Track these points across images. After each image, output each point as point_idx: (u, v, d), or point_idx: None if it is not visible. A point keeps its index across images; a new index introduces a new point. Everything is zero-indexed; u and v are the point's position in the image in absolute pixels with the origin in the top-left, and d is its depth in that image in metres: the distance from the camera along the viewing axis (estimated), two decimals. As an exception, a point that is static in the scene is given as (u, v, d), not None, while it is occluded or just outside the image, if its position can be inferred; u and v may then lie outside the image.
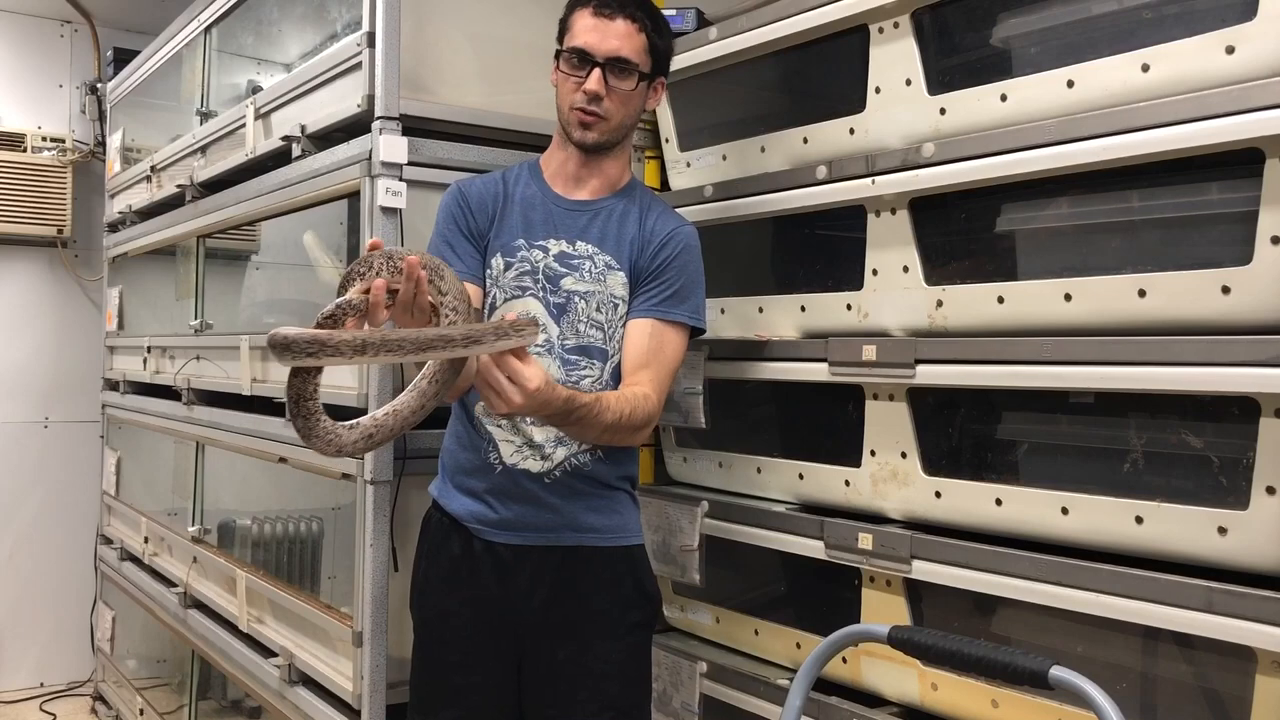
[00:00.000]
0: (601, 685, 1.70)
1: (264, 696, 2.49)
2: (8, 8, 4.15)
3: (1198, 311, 1.35)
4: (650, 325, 1.72)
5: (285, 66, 3.08)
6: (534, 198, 1.77)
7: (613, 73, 1.70)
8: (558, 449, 1.70)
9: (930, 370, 1.62)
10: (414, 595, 1.85)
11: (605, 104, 1.70)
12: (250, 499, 3.11)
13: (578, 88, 1.70)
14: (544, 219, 1.75)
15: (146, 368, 3.40)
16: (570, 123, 1.73)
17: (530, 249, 1.74)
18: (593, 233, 1.75)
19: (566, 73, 1.71)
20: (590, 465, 1.72)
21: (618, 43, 1.70)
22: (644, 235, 1.75)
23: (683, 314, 1.74)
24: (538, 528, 1.70)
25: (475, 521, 1.72)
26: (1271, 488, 1.27)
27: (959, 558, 1.56)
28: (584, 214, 1.76)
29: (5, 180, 4.04)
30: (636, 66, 1.72)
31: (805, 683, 1.44)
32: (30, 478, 4.21)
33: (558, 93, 1.76)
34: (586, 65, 1.69)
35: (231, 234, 3.08)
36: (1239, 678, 1.30)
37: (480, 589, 1.72)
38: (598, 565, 1.72)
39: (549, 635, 1.71)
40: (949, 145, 1.60)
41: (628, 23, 1.71)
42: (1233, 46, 1.32)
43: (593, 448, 1.72)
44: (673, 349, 1.74)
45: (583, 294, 1.72)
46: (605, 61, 1.69)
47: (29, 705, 4.05)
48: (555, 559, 1.70)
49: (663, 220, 1.78)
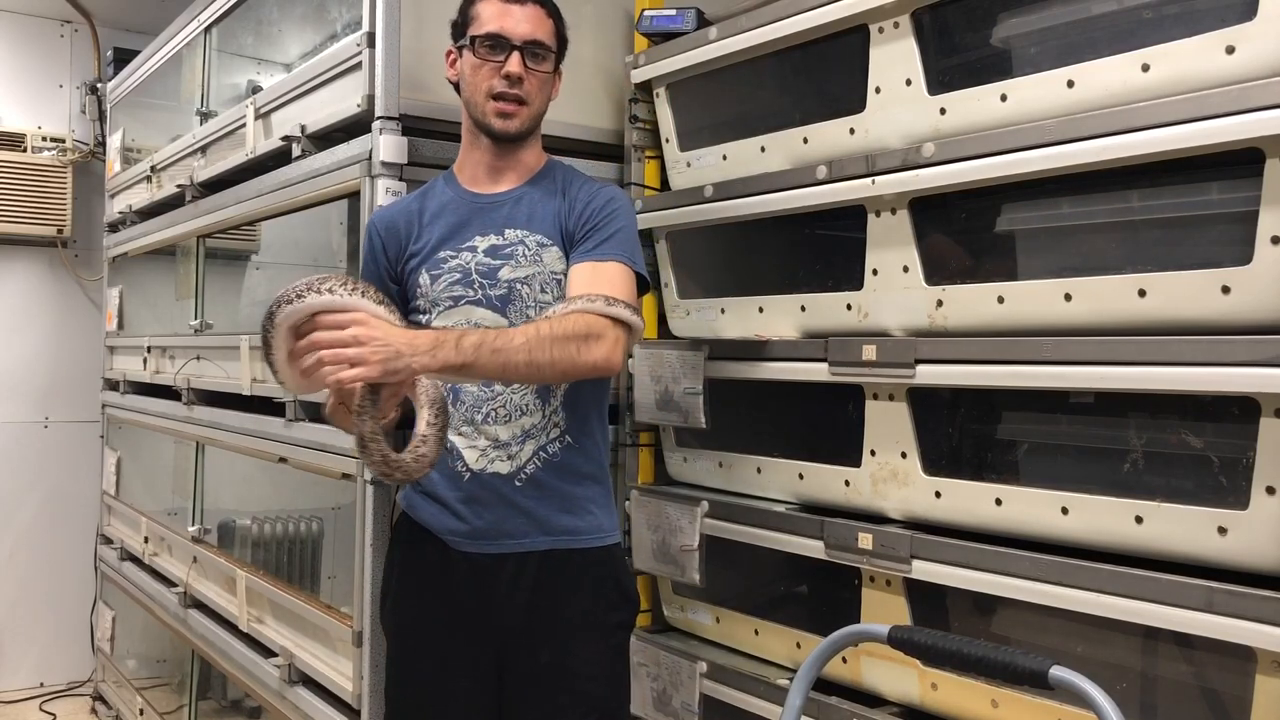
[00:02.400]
0: (584, 688, 1.70)
1: (264, 696, 2.49)
2: (8, 8, 4.15)
3: (1198, 311, 1.35)
4: (587, 265, 1.67)
5: (285, 66, 3.08)
6: (451, 203, 1.77)
7: (530, 56, 1.70)
8: (525, 444, 1.69)
9: (930, 370, 1.62)
10: (385, 605, 1.83)
11: (525, 86, 1.70)
12: (250, 499, 3.12)
13: (495, 73, 1.69)
14: (466, 220, 1.74)
15: (146, 368, 3.40)
16: (488, 114, 1.71)
17: (459, 254, 1.72)
18: (519, 217, 1.73)
19: (483, 59, 1.70)
20: (560, 455, 1.70)
21: (531, 26, 1.70)
22: (568, 203, 1.73)
23: (618, 254, 1.67)
24: (510, 534, 1.68)
25: (447, 533, 1.71)
26: (1271, 488, 1.27)
27: (959, 558, 1.56)
28: (505, 203, 1.75)
29: (5, 180, 4.04)
30: (551, 49, 1.73)
31: (805, 683, 1.44)
32: (30, 478, 4.21)
33: (467, 85, 1.74)
34: (503, 50, 1.69)
35: (231, 234, 3.08)
36: (1239, 678, 1.30)
37: (456, 597, 1.71)
38: (576, 567, 1.71)
39: (529, 639, 1.70)
40: (949, 145, 1.60)
41: (537, 7, 1.72)
42: (1233, 46, 1.32)
43: (560, 436, 1.69)
44: (615, 278, 1.64)
45: (523, 279, 1.70)
46: (522, 45, 1.69)
47: (29, 705, 4.05)
48: (533, 563, 1.69)
49: (586, 187, 1.76)
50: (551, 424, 1.70)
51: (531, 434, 1.69)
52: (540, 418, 1.70)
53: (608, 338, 1.56)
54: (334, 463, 2.19)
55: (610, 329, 1.57)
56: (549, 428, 1.70)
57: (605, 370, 1.57)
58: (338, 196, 2.22)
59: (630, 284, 1.67)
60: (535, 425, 1.69)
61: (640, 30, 2.18)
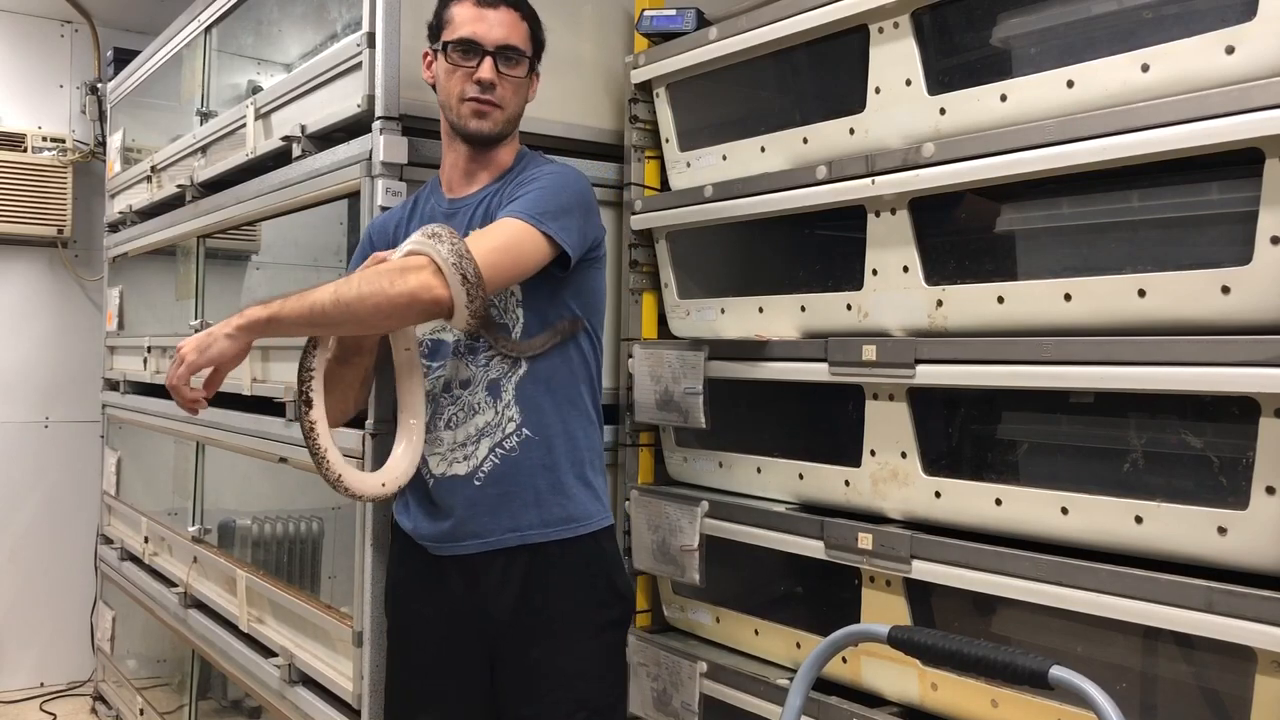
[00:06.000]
0: (575, 684, 1.70)
1: (264, 696, 2.49)
2: (8, 8, 4.15)
3: (1198, 311, 1.35)
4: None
5: (285, 66, 3.08)
6: (433, 210, 1.79)
7: (503, 61, 1.70)
8: (480, 443, 1.69)
9: (930, 370, 1.62)
10: (387, 600, 1.87)
11: (499, 91, 1.70)
12: (250, 499, 3.12)
13: (468, 78, 1.70)
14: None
15: (147, 368, 3.40)
16: (463, 115, 1.72)
17: None
18: (478, 217, 1.72)
19: (455, 64, 1.70)
20: (519, 450, 1.69)
21: (504, 31, 1.70)
22: (505, 193, 1.71)
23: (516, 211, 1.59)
24: (478, 533, 1.69)
25: (421, 538, 1.74)
26: (1271, 488, 1.27)
27: (959, 558, 1.56)
28: (471, 206, 1.75)
29: (5, 180, 4.04)
30: (525, 53, 1.73)
31: (805, 683, 1.44)
32: (30, 478, 4.21)
33: (441, 89, 1.75)
34: (476, 55, 1.69)
35: (231, 234, 3.08)
36: (1239, 678, 1.30)
37: (448, 594, 1.73)
38: (564, 561, 1.71)
39: (520, 635, 1.70)
40: (949, 145, 1.60)
41: (510, 11, 1.72)
42: (1233, 46, 1.32)
43: (517, 430, 1.68)
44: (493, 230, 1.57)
45: None
46: (495, 50, 1.69)
47: (29, 705, 4.05)
48: (521, 559, 1.69)
49: (528, 172, 1.73)
50: (506, 419, 1.70)
51: (486, 432, 1.69)
52: (493, 414, 1.70)
53: (425, 270, 1.48)
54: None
55: (428, 263, 1.49)
56: (504, 423, 1.70)
57: (425, 304, 1.48)
58: (338, 197, 2.22)
59: (512, 236, 1.57)
60: (489, 423, 1.69)
61: (640, 30, 2.18)
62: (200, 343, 1.49)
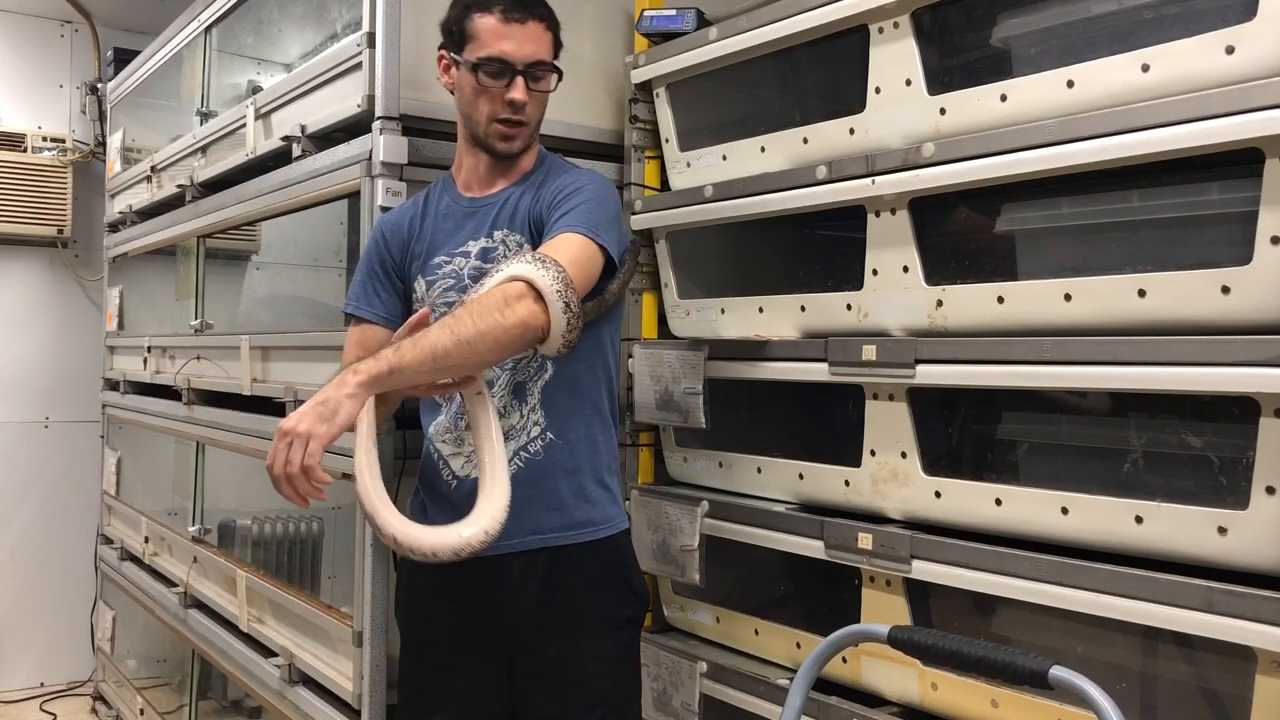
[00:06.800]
0: (592, 683, 1.70)
1: (264, 696, 2.49)
2: (8, 8, 4.15)
3: (1198, 311, 1.35)
4: (545, 243, 1.60)
5: (285, 66, 3.08)
6: (448, 208, 1.78)
7: (532, 78, 1.69)
8: (506, 445, 1.68)
9: (930, 370, 1.62)
10: (400, 599, 1.86)
11: (528, 110, 1.70)
12: (250, 499, 3.11)
13: (498, 98, 1.68)
14: (459, 225, 1.75)
15: (147, 368, 3.40)
16: (491, 135, 1.71)
17: (453, 259, 1.74)
18: (503, 218, 1.73)
19: (485, 85, 1.68)
20: (543, 453, 1.69)
21: (534, 47, 1.69)
22: (539, 196, 1.71)
23: (574, 225, 1.59)
24: (502, 535, 1.68)
25: None
26: (1271, 488, 1.27)
27: (959, 558, 1.56)
28: (494, 205, 1.75)
29: (5, 180, 4.04)
30: (553, 66, 1.72)
31: (805, 683, 1.44)
32: (30, 478, 4.21)
33: (467, 103, 1.72)
34: (507, 75, 1.67)
35: (231, 234, 3.08)
36: (1239, 678, 1.30)
37: (466, 595, 1.72)
38: (583, 562, 1.71)
39: (538, 634, 1.70)
40: (949, 145, 1.60)
41: (538, 24, 1.70)
42: (1233, 46, 1.32)
43: (541, 434, 1.68)
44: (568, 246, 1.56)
45: None
46: (525, 69, 1.68)
47: (29, 705, 4.05)
48: (541, 561, 1.69)
49: (563, 176, 1.73)
50: (530, 423, 1.70)
51: (510, 435, 1.68)
52: (518, 417, 1.70)
53: (528, 298, 1.48)
54: (334, 462, 2.18)
55: (527, 290, 1.48)
56: (528, 426, 1.70)
57: (535, 332, 1.48)
58: (338, 196, 2.22)
59: (581, 251, 1.57)
60: (514, 426, 1.69)
61: (640, 30, 2.18)
62: (318, 413, 1.41)
